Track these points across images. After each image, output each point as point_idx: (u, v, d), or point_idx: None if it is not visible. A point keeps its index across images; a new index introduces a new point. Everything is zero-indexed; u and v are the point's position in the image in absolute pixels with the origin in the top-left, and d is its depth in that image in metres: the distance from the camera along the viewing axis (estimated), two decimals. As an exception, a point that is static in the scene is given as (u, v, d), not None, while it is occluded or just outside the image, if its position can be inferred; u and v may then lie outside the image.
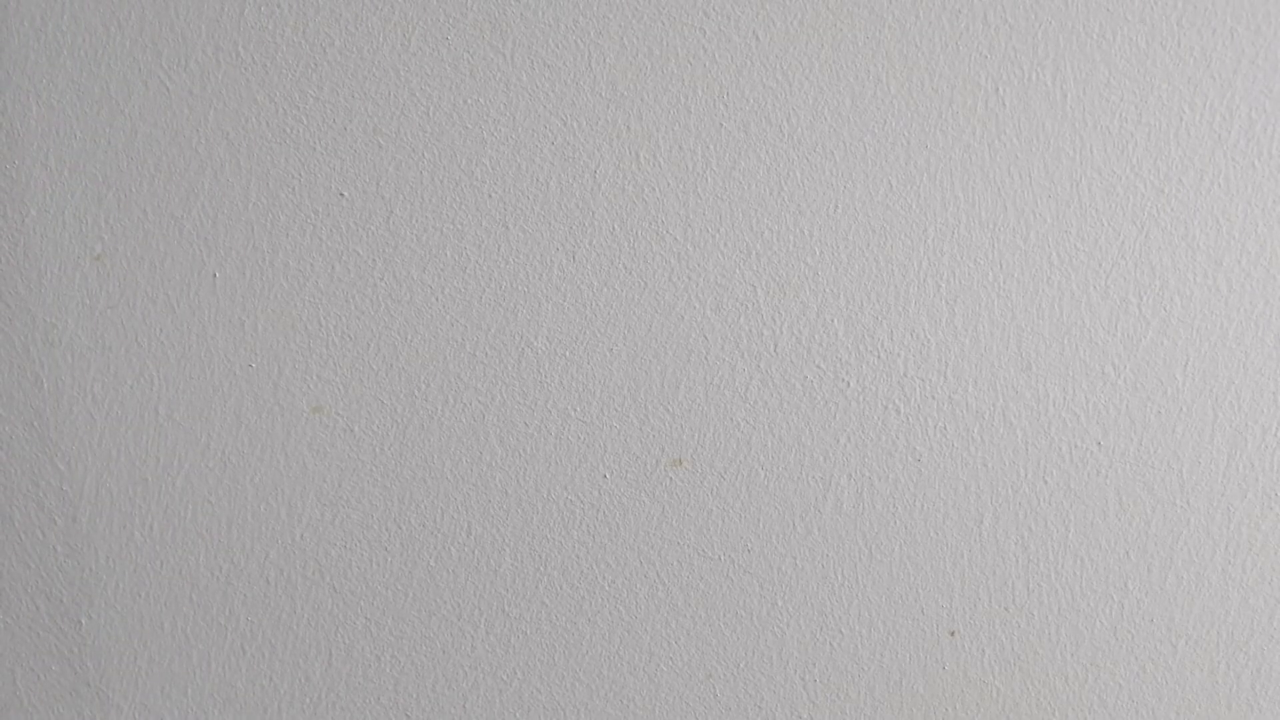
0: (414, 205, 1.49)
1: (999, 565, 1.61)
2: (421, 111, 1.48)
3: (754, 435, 1.56)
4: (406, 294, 1.50)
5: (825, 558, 1.59)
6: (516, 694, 1.58)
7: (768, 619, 1.59)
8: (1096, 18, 1.53)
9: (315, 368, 1.50)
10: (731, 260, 1.53)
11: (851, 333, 1.55)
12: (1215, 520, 1.62)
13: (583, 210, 1.51)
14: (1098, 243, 1.56)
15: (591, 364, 1.53)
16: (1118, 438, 1.59)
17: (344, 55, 1.46)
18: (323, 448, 1.52)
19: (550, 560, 1.56)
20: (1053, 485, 1.60)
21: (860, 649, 1.61)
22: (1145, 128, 1.54)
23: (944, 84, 1.52)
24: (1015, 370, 1.57)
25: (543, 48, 1.48)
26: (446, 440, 1.53)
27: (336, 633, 1.55)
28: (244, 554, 1.53)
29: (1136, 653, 1.63)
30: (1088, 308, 1.57)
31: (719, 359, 1.54)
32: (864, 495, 1.58)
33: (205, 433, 1.50)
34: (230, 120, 1.46)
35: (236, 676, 1.54)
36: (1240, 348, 1.59)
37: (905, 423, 1.57)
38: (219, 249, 1.48)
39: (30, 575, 1.51)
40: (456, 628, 1.56)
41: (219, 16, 1.45)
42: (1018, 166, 1.54)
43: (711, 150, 1.51)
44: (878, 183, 1.53)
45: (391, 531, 1.54)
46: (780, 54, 1.51)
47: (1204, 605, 1.63)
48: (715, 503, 1.57)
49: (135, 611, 1.52)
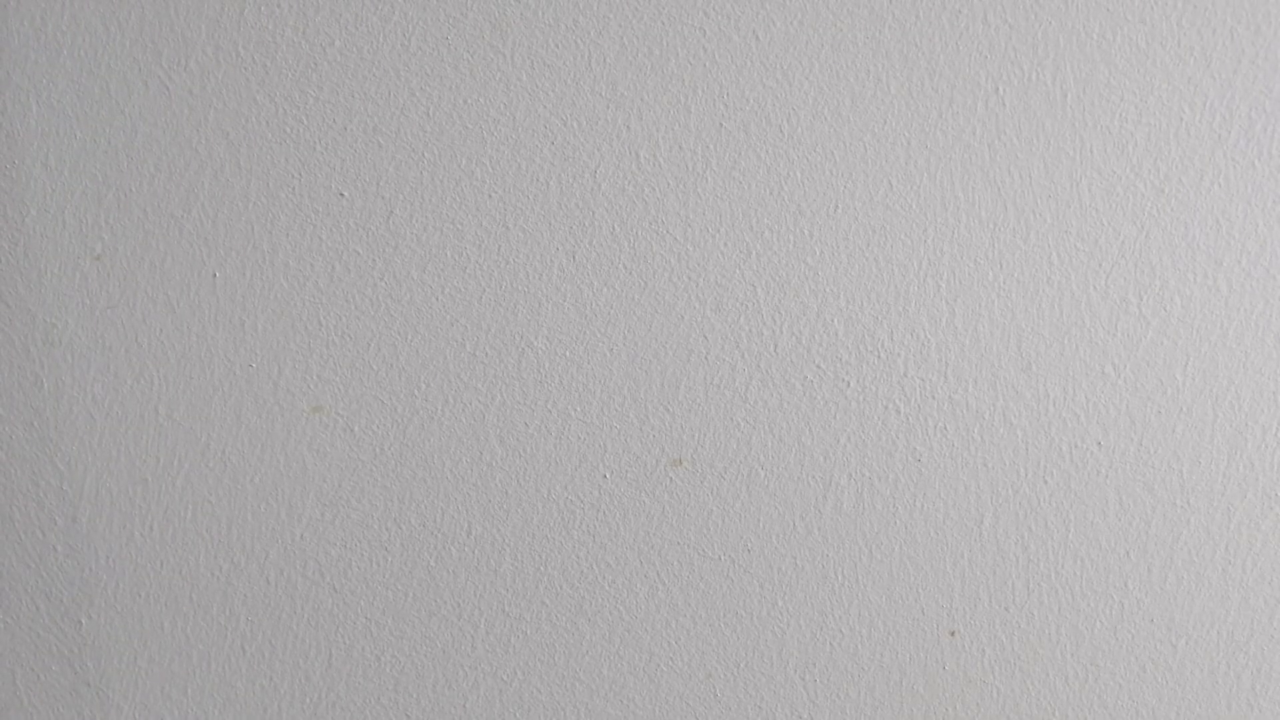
0: (414, 205, 1.49)
1: (999, 565, 1.61)
2: (421, 111, 1.48)
3: (754, 435, 1.56)
4: (406, 294, 1.50)
5: (825, 558, 1.59)
6: (516, 694, 1.58)
7: (768, 619, 1.59)
8: (1096, 18, 1.53)
9: (315, 368, 1.50)
10: (731, 260, 1.53)
11: (851, 333, 1.55)
12: (1215, 520, 1.62)
13: (583, 210, 1.51)
14: (1098, 243, 1.56)
15: (591, 364, 1.53)
16: (1118, 438, 1.59)
17: (344, 55, 1.46)
18: (323, 448, 1.52)
19: (550, 560, 1.56)
20: (1053, 485, 1.60)
21: (860, 649, 1.61)
22: (1145, 128, 1.54)
23: (944, 84, 1.52)
24: (1015, 370, 1.57)
25: (543, 48, 1.48)
26: (446, 440, 1.53)
27: (336, 633, 1.55)
28: (244, 554, 1.53)
29: (1136, 653, 1.63)
30: (1088, 308, 1.57)
31: (719, 359, 1.54)
32: (864, 495, 1.58)
33: (205, 433, 1.50)
34: (230, 120, 1.46)
35: (236, 676, 1.55)
36: (1240, 348, 1.59)
37: (905, 423, 1.57)
38: (219, 249, 1.48)
39: (30, 575, 1.51)
40: (456, 628, 1.56)
41: (219, 16, 1.45)
42: (1018, 166, 1.54)
43: (711, 150, 1.51)
44: (878, 183, 1.53)
45: (391, 531, 1.54)
46: (780, 54, 1.51)
47: (1204, 605, 1.63)
48: (715, 503, 1.57)
49: (135, 611, 1.53)
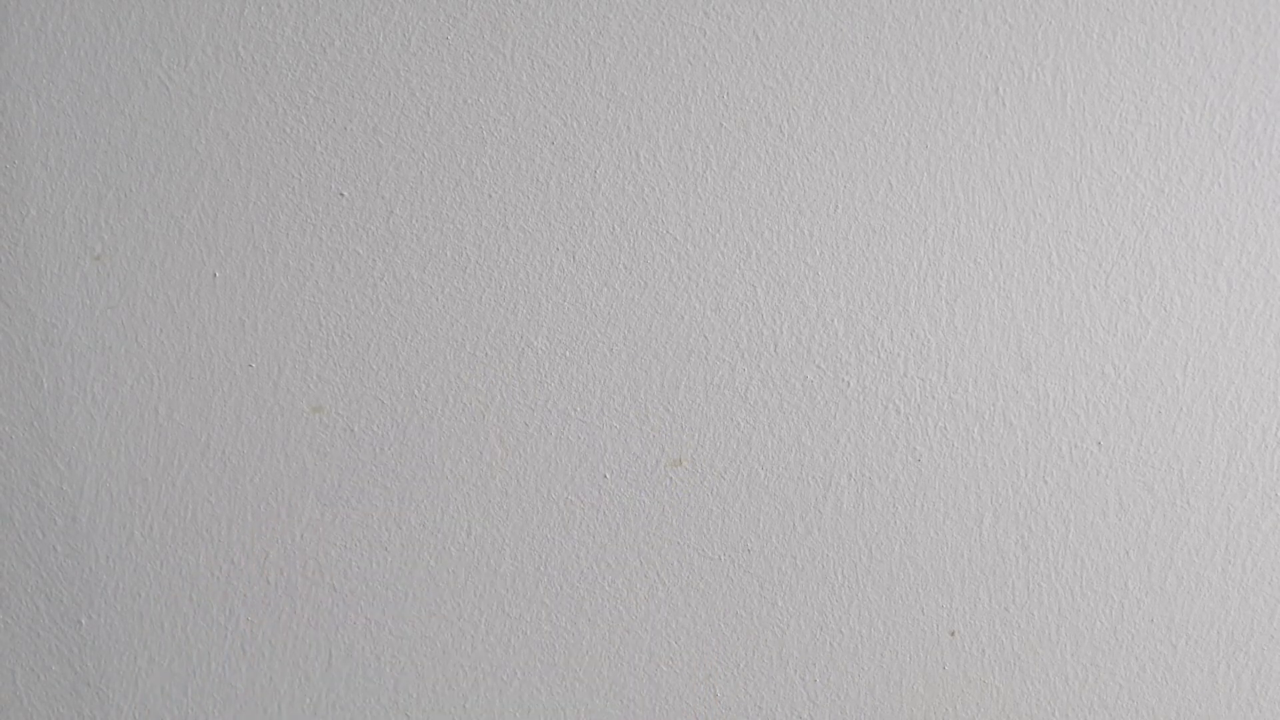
0: (414, 205, 1.49)
1: (999, 565, 1.61)
2: (421, 111, 1.48)
3: (754, 435, 1.56)
4: (406, 294, 1.50)
5: (825, 558, 1.59)
6: (516, 694, 1.58)
7: (768, 619, 1.59)
8: (1096, 18, 1.53)
9: (315, 368, 1.50)
10: (731, 260, 1.53)
11: (851, 333, 1.55)
12: (1215, 520, 1.62)
13: (583, 210, 1.51)
14: (1098, 243, 1.56)
15: (591, 364, 1.53)
16: (1118, 438, 1.59)
17: (344, 55, 1.46)
18: (323, 448, 1.52)
19: (550, 560, 1.56)
20: (1053, 485, 1.60)
21: (860, 649, 1.61)
22: (1145, 128, 1.54)
23: (944, 84, 1.52)
24: (1015, 370, 1.57)
25: (543, 48, 1.48)
26: (446, 440, 1.53)
27: (336, 633, 1.55)
28: (244, 554, 1.53)
29: (1136, 653, 1.63)
30: (1088, 308, 1.57)
31: (719, 359, 1.54)
32: (864, 495, 1.58)
33: (205, 433, 1.50)
34: (230, 120, 1.46)
35: (236, 676, 1.55)
36: (1240, 348, 1.59)
37: (905, 423, 1.57)
38: (219, 249, 1.48)
39: (30, 575, 1.51)
40: (456, 628, 1.56)
41: (219, 16, 1.45)
42: (1018, 166, 1.54)
43: (711, 150, 1.51)
44: (878, 183, 1.53)
45: (391, 531, 1.54)
46: (780, 54, 1.51)
47: (1204, 605, 1.63)
48: (715, 503, 1.57)
49: (135, 611, 1.53)
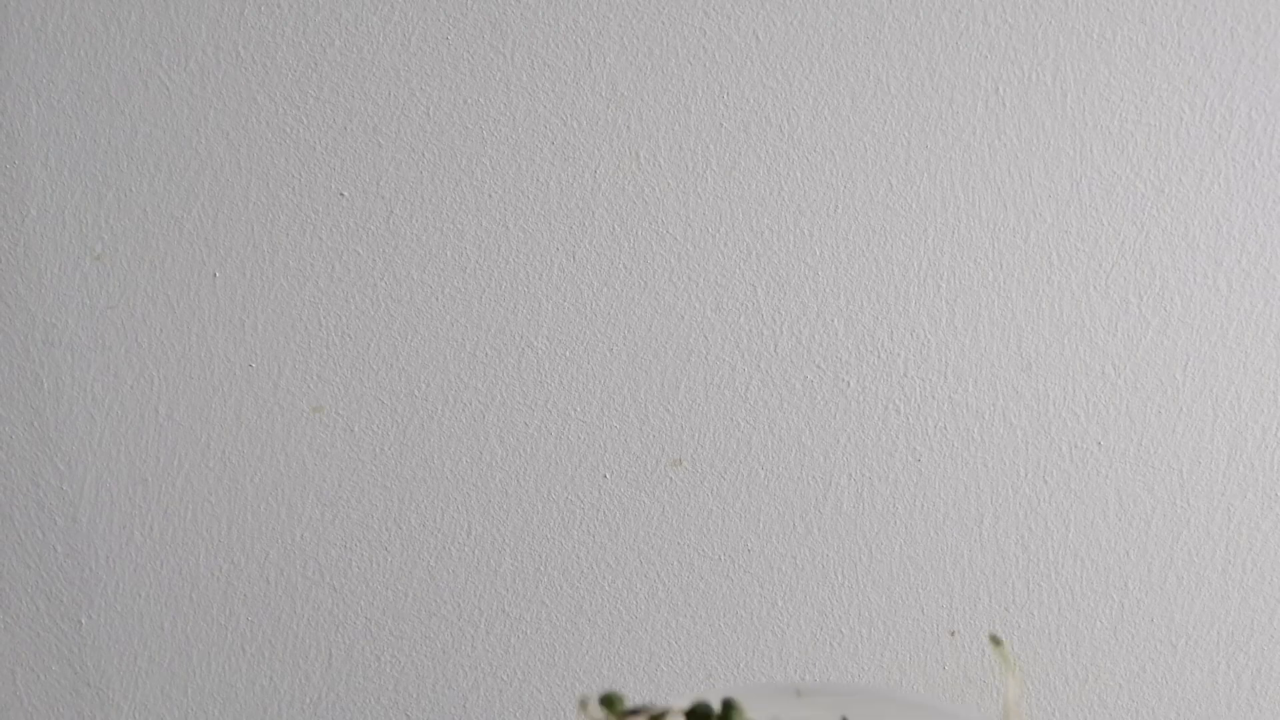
0: (414, 205, 1.49)
1: (999, 565, 1.61)
2: (421, 111, 1.48)
3: (754, 435, 1.56)
4: (406, 294, 1.50)
5: (825, 558, 1.59)
6: (516, 694, 1.58)
7: (768, 619, 1.59)
8: (1096, 18, 1.53)
9: (315, 368, 1.50)
10: (731, 260, 1.53)
11: (851, 333, 1.55)
12: (1215, 520, 1.62)
13: (583, 210, 1.51)
14: (1098, 243, 1.56)
15: (591, 364, 1.53)
16: (1118, 438, 1.59)
17: (344, 55, 1.46)
18: (323, 448, 1.52)
19: (550, 560, 1.56)
20: (1053, 485, 1.60)
21: (860, 649, 1.61)
22: (1145, 128, 1.54)
23: (944, 84, 1.52)
24: (1015, 370, 1.57)
25: (543, 48, 1.48)
26: (446, 440, 1.53)
27: (336, 633, 1.55)
28: (244, 554, 1.53)
29: (1136, 653, 1.63)
30: (1088, 308, 1.57)
31: (719, 359, 1.54)
32: (864, 495, 1.58)
33: (205, 433, 1.50)
34: (230, 120, 1.46)
35: (236, 676, 1.55)
36: (1240, 348, 1.59)
37: (905, 423, 1.57)
38: (219, 249, 1.48)
39: (30, 575, 1.51)
40: (456, 628, 1.56)
41: (219, 16, 1.45)
42: (1018, 166, 1.54)
43: (711, 150, 1.51)
44: (878, 183, 1.53)
45: (391, 531, 1.54)
46: (780, 54, 1.51)
47: (1204, 605, 1.63)
48: (715, 503, 1.57)
49: (135, 611, 1.52)
